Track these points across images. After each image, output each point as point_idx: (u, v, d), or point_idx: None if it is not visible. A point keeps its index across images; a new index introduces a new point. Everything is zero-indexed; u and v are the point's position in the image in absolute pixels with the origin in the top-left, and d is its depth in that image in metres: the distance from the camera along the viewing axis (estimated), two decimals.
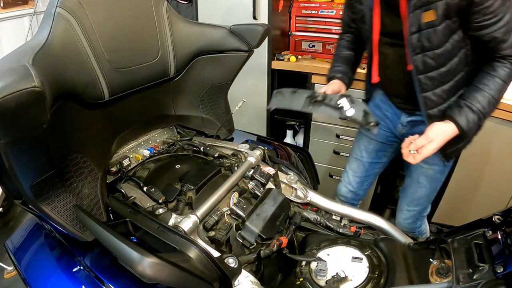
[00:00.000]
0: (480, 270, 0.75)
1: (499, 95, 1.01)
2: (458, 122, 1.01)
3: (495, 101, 1.01)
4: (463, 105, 1.02)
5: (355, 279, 0.86)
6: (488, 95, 1.00)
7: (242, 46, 1.27)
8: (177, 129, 1.40)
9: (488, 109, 1.01)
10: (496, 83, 1.00)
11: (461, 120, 1.01)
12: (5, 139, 0.62)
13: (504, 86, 1.00)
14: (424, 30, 0.99)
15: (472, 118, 1.00)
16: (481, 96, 1.00)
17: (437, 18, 0.96)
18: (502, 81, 0.99)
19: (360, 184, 1.51)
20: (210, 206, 0.94)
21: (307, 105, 1.07)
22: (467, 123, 1.01)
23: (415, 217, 1.43)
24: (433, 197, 1.38)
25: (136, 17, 1.09)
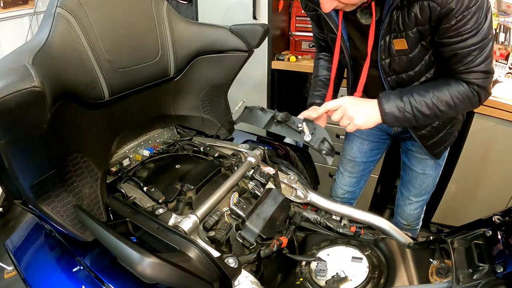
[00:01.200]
0: (480, 270, 0.75)
1: (442, 106, 0.96)
2: (382, 106, 0.98)
3: (434, 107, 0.96)
4: (396, 91, 1.00)
5: (355, 279, 0.87)
6: (430, 100, 0.96)
7: (242, 46, 1.27)
8: (177, 129, 1.39)
9: (422, 110, 0.96)
10: (444, 94, 0.96)
11: (387, 107, 0.98)
12: (5, 139, 0.62)
13: (449, 101, 0.96)
14: (396, 57, 0.99)
15: (399, 105, 0.97)
16: (423, 96, 0.97)
17: (409, 46, 0.95)
18: (451, 97, 0.95)
19: (357, 183, 1.52)
20: (210, 206, 0.94)
21: (270, 124, 1.12)
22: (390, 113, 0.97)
23: (423, 205, 1.47)
24: (437, 181, 1.40)
25: (136, 17, 1.09)
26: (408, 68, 1.01)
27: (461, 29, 0.86)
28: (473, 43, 0.88)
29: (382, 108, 0.98)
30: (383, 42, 0.98)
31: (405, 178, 1.43)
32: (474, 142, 1.76)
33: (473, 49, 0.89)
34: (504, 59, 1.91)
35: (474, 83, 0.94)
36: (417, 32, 0.92)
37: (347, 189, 1.53)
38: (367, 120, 0.99)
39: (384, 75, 1.06)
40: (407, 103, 0.97)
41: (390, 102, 0.98)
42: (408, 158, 1.37)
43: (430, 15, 0.87)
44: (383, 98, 0.99)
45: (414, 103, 0.97)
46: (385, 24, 0.94)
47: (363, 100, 1.01)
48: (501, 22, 1.85)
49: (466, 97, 0.95)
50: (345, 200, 1.56)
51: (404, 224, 1.49)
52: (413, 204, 1.43)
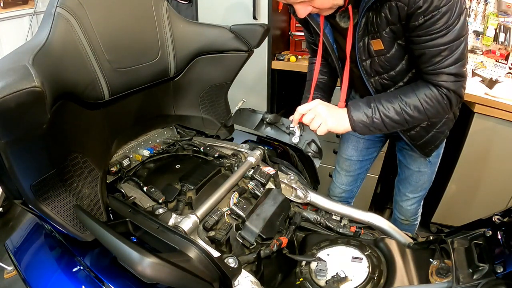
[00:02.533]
0: (480, 270, 0.75)
1: (410, 110, 0.95)
2: (351, 114, 0.98)
3: (403, 113, 0.95)
4: (365, 99, 0.99)
5: (355, 279, 0.86)
6: (398, 105, 0.95)
7: (242, 46, 1.27)
8: (177, 129, 1.39)
9: (390, 115, 0.96)
10: (412, 99, 0.95)
11: (355, 114, 0.98)
12: (5, 139, 0.62)
13: (419, 106, 0.94)
14: (376, 57, 1.00)
15: (365, 118, 0.97)
16: (390, 101, 0.96)
17: (385, 46, 0.96)
18: (419, 101, 0.94)
19: (354, 182, 1.53)
20: (210, 206, 0.94)
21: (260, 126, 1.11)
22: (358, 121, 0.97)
23: (419, 201, 1.47)
24: (433, 177, 1.41)
25: (136, 17, 1.09)
26: (388, 68, 1.02)
27: (429, 28, 0.85)
28: (442, 43, 0.87)
29: (351, 116, 0.98)
30: (362, 43, 0.98)
31: (402, 175, 1.44)
32: (474, 142, 1.76)
33: (442, 49, 0.87)
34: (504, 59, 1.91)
35: (443, 85, 0.92)
36: (390, 32, 0.92)
37: (344, 188, 1.53)
38: (338, 124, 0.99)
39: (367, 76, 1.06)
40: (375, 109, 0.97)
41: (358, 110, 0.98)
42: (403, 156, 1.38)
43: (398, 14, 0.87)
44: (351, 106, 0.99)
45: (382, 109, 0.96)
46: (361, 26, 0.94)
47: (334, 107, 1.02)
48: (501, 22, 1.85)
49: (435, 101, 0.94)
50: (343, 199, 1.57)
51: (402, 219, 1.50)
52: (409, 200, 1.45)
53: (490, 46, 1.92)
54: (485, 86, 1.83)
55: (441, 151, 1.33)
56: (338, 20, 1.02)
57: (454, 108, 0.98)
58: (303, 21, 1.16)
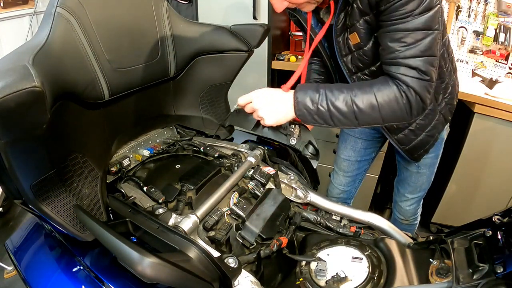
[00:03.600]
0: (480, 270, 0.75)
1: (361, 103, 0.87)
2: (296, 95, 0.91)
3: (350, 107, 0.87)
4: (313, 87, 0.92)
5: (355, 279, 0.86)
6: (349, 95, 0.87)
7: (242, 46, 1.27)
8: (177, 129, 1.39)
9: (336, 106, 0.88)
10: (365, 90, 0.87)
11: (300, 96, 0.91)
12: (5, 139, 0.62)
13: (370, 99, 0.87)
14: (355, 52, 0.98)
15: (310, 102, 0.90)
16: (341, 90, 0.88)
17: (361, 39, 0.93)
18: (373, 94, 0.86)
19: (352, 182, 1.53)
20: (210, 206, 0.94)
21: (257, 127, 1.08)
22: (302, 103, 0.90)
23: (419, 202, 1.47)
24: (432, 178, 1.40)
25: (136, 17, 1.09)
26: (368, 63, 0.99)
27: (393, 13, 0.81)
28: (404, 29, 0.82)
29: (295, 98, 0.91)
30: (341, 38, 0.97)
31: (401, 176, 1.44)
32: (474, 142, 1.76)
33: (403, 35, 0.82)
34: (504, 59, 1.91)
35: (402, 80, 0.85)
36: (365, 23, 0.89)
37: (342, 188, 1.53)
38: (277, 117, 0.94)
39: (348, 72, 1.05)
40: (323, 95, 0.88)
41: (304, 92, 0.91)
42: (402, 157, 1.37)
43: (369, 3, 0.84)
44: (298, 88, 0.93)
45: (330, 96, 0.88)
46: (340, 20, 0.93)
47: (278, 94, 0.95)
48: (501, 22, 1.85)
49: (392, 97, 0.86)
50: (341, 200, 1.57)
51: (402, 219, 1.50)
52: (408, 201, 1.44)
53: (490, 46, 1.92)
54: (485, 86, 1.83)
55: (440, 152, 1.32)
56: (322, 15, 1.01)
57: (414, 113, 0.88)
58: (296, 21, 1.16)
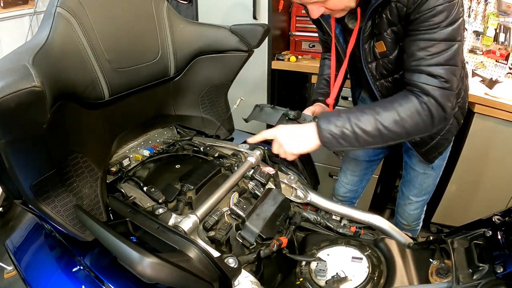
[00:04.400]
0: (480, 270, 0.75)
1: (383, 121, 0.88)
2: (319, 123, 0.92)
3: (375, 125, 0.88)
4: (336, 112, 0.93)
5: (355, 279, 0.86)
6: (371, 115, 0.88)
7: (242, 46, 1.27)
8: (177, 129, 1.40)
9: (361, 127, 0.89)
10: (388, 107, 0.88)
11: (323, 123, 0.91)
12: (5, 139, 0.62)
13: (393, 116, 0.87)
14: (380, 59, 1.00)
15: (334, 127, 0.90)
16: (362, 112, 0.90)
17: (387, 48, 0.95)
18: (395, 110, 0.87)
19: (359, 182, 1.52)
20: (210, 206, 0.94)
21: (281, 122, 1.11)
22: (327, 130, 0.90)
23: (423, 205, 1.47)
24: (437, 180, 1.40)
25: (136, 17, 1.09)
26: (392, 71, 1.02)
27: (422, 23, 0.85)
28: (431, 38, 0.84)
29: (319, 126, 0.92)
30: (367, 45, 0.99)
31: (406, 177, 1.43)
32: (474, 142, 1.76)
33: (429, 45, 0.84)
34: (504, 59, 1.91)
35: (423, 88, 0.86)
36: (392, 33, 0.93)
37: (349, 187, 1.53)
38: (301, 143, 0.96)
39: (372, 79, 1.06)
40: (345, 118, 0.89)
41: (327, 120, 0.92)
42: (409, 157, 1.37)
43: (398, 15, 0.88)
44: (320, 117, 0.94)
45: (353, 118, 0.89)
46: (367, 28, 0.95)
47: (299, 126, 0.99)
48: (501, 22, 1.85)
49: (414, 111, 0.87)
50: (347, 199, 1.56)
51: (404, 224, 1.50)
52: (413, 204, 1.44)
53: (490, 46, 1.92)
54: (485, 86, 1.83)
55: (447, 155, 1.33)
56: (347, 21, 1.02)
57: (436, 123, 0.89)
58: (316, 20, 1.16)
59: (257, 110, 1.18)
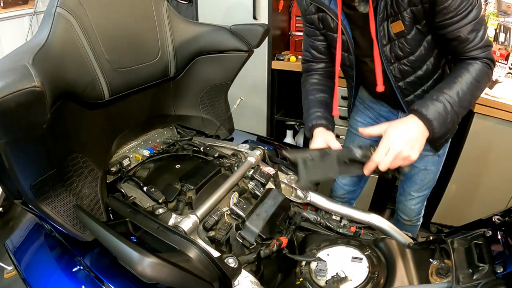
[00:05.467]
0: (480, 270, 0.75)
1: (469, 88, 0.91)
2: (421, 112, 0.88)
3: (465, 93, 0.91)
4: (427, 97, 0.92)
5: (355, 279, 0.86)
6: (456, 87, 0.91)
7: (242, 46, 1.27)
8: (177, 129, 1.40)
9: (458, 100, 0.90)
10: (464, 76, 0.92)
11: (425, 110, 0.88)
12: (5, 139, 0.62)
13: (473, 80, 0.92)
14: (395, 40, 0.99)
15: (439, 107, 0.88)
16: (448, 88, 0.91)
17: (406, 27, 0.96)
18: (471, 76, 0.92)
19: (357, 182, 1.52)
20: (210, 206, 0.94)
21: (344, 167, 0.89)
22: (434, 114, 0.88)
23: (423, 201, 1.47)
24: (437, 176, 1.40)
25: (136, 17, 1.09)
26: (408, 52, 1.01)
27: (459, 8, 0.88)
28: (473, 18, 0.90)
29: (425, 117, 0.88)
30: (382, 28, 0.98)
31: (407, 174, 1.43)
32: (474, 142, 1.76)
33: (474, 24, 0.90)
34: (504, 59, 1.90)
35: (483, 57, 0.94)
36: (411, 13, 0.93)
37: (347, 188, 1.53)
38: (420, 146, 0.88)
39: (387, 62, 1.05)
40: (445, 101, 0.89)
41: (428, 107, 0.89)
42: None
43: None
44: (418, 107, 0.90)
45: (450, 98, 0.90)
46: (381, 9, 0.95)
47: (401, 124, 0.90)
48: (501, 22, 1.85)
49: (484, 72, 0.95)
50: (345, 200, 1.56)
51: (405, 219, 1.50)
52: (414, 199, 1.44)
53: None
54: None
55: (446, 150, 1.33)
56: (357, 5, 0.97)
57: None
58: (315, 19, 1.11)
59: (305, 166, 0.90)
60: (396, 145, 0.85)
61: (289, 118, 2.43)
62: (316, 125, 1.07)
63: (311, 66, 1.22)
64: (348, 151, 0.88)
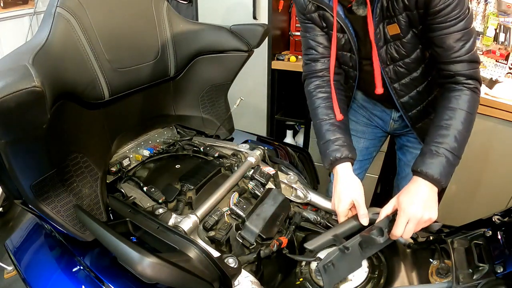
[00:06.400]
0: (480, 270, 0.75)
1: (464, 127, 0.91)
2: (426, 174, 0.88)
3: (462, 134, 0.91)
4: (423, 154, 0.91)
5: (355, 279, 0.86)
6: (453, 131, 0.90)
7: (242, 46, 1.27)
8: (177, 129, 1.39)
9: (458, 146, 0.90)
10: (457, 115, 0.91)
11: (430, 169, 0.87)
12: (5, 139, 0.62)
13: (466, 116, 0.91)
14: (391, 42, 1.00)
15: (441, 162, 0.88)
16: (444, 136, 0.90)
17: (402, 31, 0.96)
18: (464, 111, 0.91)
19: None
20: (210, 206, 0.94)
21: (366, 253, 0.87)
22: (438, 171, 0.87)
23: None
24: None
25: (136, 17, 1.09)
26: (404, 54, 1.01)
27: (450, 14, 0.88)
28: (462, 28, 0.89)
29: (431, 177, 0.88)
30: (378, 30, 0.98)
31: (401, 174, 1.43)
32: (474, 142, 1.75)
33: (463, 33, 0.90)
34: (504, 59, 1.90)
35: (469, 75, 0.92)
36: (406, 17, 0.93)
37: None
38: (435, 205, 0.89)
39: (383, 64, 1.05)
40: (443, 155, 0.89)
41: (431, 166, 0.88)
42: (403, 154, 1.37)
43: (416, 1, 0.89)
44: (422, 168, 0.88)
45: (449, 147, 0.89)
46: (377, 12, 0.95)
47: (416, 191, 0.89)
48: (501, 22, 1.85)
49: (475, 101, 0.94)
50: None
51: None
52: None
53: (490, 46, 1.92)
54: (485, 86, 1.83)
55: None
56: (355, 8, 0.99)
57: None
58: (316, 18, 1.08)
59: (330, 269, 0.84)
60: (414, 214, 0.85)
61: (289, 118, 2.43)
62: (339, 160, 1.02)
63: (313, 67, 1.14)
64: (369, 240, 0.85)
